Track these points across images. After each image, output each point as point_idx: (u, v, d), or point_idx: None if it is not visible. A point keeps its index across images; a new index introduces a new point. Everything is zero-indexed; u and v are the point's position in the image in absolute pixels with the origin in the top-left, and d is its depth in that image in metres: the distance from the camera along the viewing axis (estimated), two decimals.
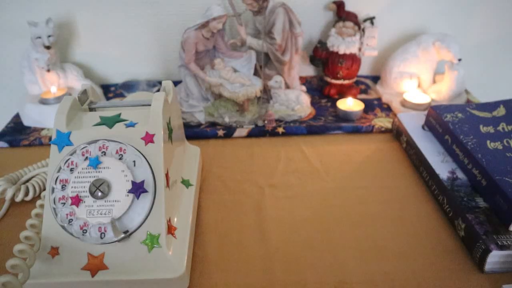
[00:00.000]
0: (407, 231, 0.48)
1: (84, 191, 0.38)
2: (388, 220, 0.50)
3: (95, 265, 0.38)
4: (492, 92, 0.82)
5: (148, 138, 0.41)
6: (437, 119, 0.59)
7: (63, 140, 0.41)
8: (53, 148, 0.41)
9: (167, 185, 0.41)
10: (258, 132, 0.68)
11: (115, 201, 0.38)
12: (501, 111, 0.58)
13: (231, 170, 0.59)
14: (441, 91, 0.74)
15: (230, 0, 0.68)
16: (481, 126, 0.55)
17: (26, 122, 0.71)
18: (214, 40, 0.69)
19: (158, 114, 0.41)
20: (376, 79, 0.85)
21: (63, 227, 0.38)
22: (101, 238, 0.38)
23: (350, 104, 0.72)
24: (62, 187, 0.39)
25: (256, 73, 0.71)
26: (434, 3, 0.81)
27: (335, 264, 0.44)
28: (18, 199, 0.52)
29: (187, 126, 0.68)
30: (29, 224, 0.41)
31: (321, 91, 0.80)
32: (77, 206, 0.38)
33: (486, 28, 0.85)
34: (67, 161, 0.40)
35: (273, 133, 0.68)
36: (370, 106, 0.75)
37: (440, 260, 0.44)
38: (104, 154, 0.40)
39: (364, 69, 0.87)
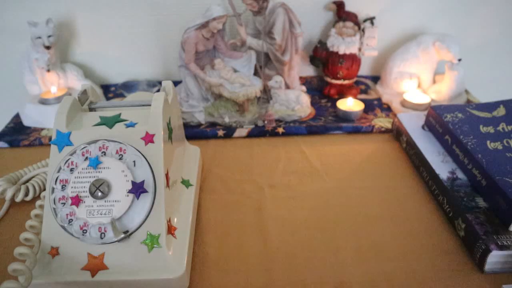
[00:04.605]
0: (407, 231, 0.48)
1: (84, 191, 0.38)
2: (388, 220, 0.50)
3: (95, 265, 0.38)
4: (492, 92, 0.82)
5: (148, 138, 0.41)
6: (437, 119, 0.59)
7: (63, 140, 0.41)
8: (53, 148, 0.41)
9: (167, 185, 0.41)
10: (258, 132, 0.68)
11: (115, 201, 0.38)
12: (501, 111, 0.58)
13: (231, 170, 0.59)
14: (441, 91, 0.74)
15: (230, 0, 0.68)
16: (481, 126, 0.55)
17: (26, 122, 0.71)
18: (214, 40, 0.69)
19: (158, 114, 0.41)
20: (376, 79, 0.85)
21: (63, 227, 0.38)
22: (101, 238, 0.38)
23: (350, 104, 0.72)
24: (62, 187, 0.39)
25: (256, 73, 0.71)
26: (434, 3, 0.81)
27: (335, 264, 0.44)
28: (18, 199, 0.52)
29: (187, 126, 0.68)
30: (29, 225, 0.41)
31: (321, 91, 0.80)
32: (77, 206, 0.38)
33: (486, 28, 0.85)
34: (67, 161, 0.40)
35: (273, 133, 0.68)
36: (370, 106, 0.75)
37: (440, 260, 0.44)
38: (104, 154, 0.40)
39: (364, 69, 0.87)
